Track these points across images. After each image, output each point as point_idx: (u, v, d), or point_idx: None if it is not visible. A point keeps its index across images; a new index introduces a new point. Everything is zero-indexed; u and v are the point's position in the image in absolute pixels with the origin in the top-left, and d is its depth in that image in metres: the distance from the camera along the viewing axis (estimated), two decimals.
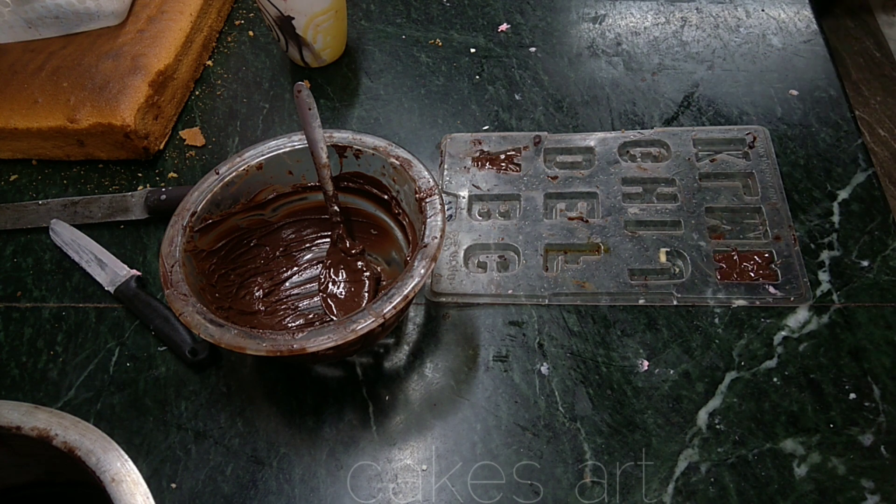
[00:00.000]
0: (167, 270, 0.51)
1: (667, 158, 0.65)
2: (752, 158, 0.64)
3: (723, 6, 0.79)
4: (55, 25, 0.75)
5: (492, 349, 0.56)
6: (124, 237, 0.66)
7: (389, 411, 0.54)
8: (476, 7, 0.83)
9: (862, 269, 0.57)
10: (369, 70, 0.78)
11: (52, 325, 0.61)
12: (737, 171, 0.63)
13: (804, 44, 0.75)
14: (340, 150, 0.58)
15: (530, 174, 0.66)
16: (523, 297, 0.58)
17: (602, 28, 0.78)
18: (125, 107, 0.68)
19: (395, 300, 0.47)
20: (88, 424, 0.40)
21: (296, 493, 0.51)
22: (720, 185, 0.63)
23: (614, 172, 0.64)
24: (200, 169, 0.71)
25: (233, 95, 0.77)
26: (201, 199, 0.55)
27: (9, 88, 0.71)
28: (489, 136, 0.69)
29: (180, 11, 0.76)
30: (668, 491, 0.48)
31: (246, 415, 0.54)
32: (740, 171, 0.63)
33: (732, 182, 0.63)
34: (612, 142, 0.67)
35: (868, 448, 0.49)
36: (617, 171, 0.64)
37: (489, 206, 0.65)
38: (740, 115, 0.68)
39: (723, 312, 0.56)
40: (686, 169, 0.64)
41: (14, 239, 0.67)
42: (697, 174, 0.63)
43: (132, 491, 0.37)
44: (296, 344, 0.46)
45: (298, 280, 0.61)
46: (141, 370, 0.57)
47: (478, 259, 0.62)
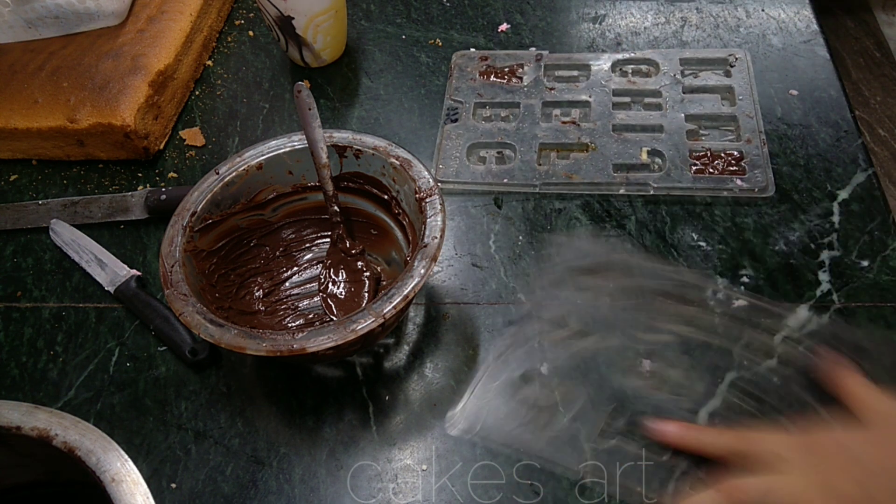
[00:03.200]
0: (167, 270, 0.51)
1: (655, 74, 0.72)
2: (733, 75, 0.71)
3: (723, 6, 0.79)
4: (55, 25, 0.75)
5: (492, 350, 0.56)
6: (124, 237, 0.66)
7: (389, 411, 0.54)
8: (476, 7, 0.83)
9: (862, 269, 0.57)
10: (369, 70, 0.78)
11: (52, 325, 0.61)
12: (717, 84, 0.70)
13: (804, 44, 0.75)
14: (340, 150, 0.58)
15: (530, 85, 0.73)
16: (517, 186, 0.65)
17: (602, 28, 0.79)
18: (125, 107, 0.68)
19: (395, 300, 0.47)
20: (88, 424, 0.40)
21: (296, 493, 0.51)
22: (701, 97, 0.70)
23: (606, 85, 0.72)
24: (200, 169, 0.71)
25: (233, 95, 0.77)
26: (201, 199, 0.55)
27: (9, 88, 0.71)
28: (496, 53, 0.77)
29: (180, 11, 0.76)
30: (668, 491, 0.48)
31: (246, 415, 0.54)
32: (720, 86, 0.70)
33: (713, 95, 0.70)
34: (606, 61, 0.74)
35: None
36: (609, 84, 0.72)
37: (491, 111, 0.72)
38: None
39: (723, 312, 0.56)
40: (671, 83, 0.71)
41: (14, 239, 0.67)
42: (682, 87, 0.70)
43: (132, 491, 0.37)
44: (296, 344, 0.46)
45: (298, 280, 0.61)
46: (141, 370, 0.57)
47: (478, 154, 0.69)
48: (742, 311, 0.56)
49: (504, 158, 0.68)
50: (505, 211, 0.64)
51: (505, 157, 0.68)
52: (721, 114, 0.68)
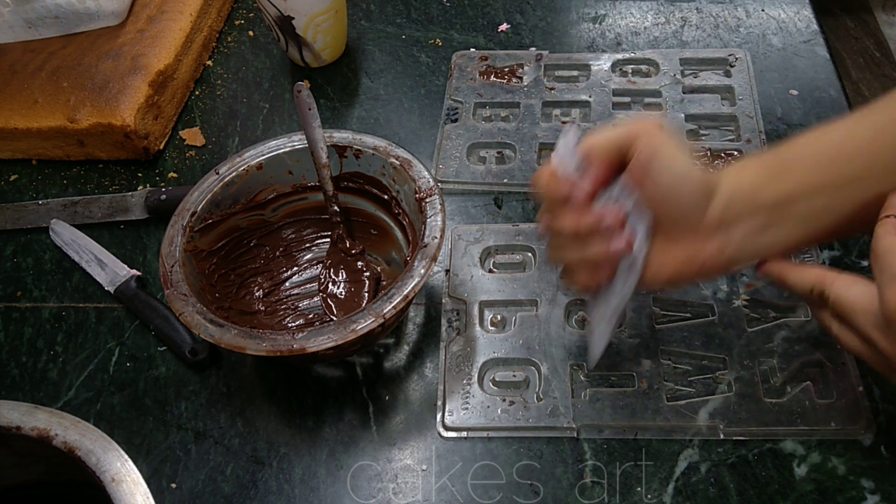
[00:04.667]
0: (167, 270, 0.51)
1: (655, 74, 0.72)
2: (733, 75, 0.71)
3: (723, 6, 0.79)
4: (55, 25, 0.75)
5: None
6: (124, 237, 0.66)
7: (389, 411, 0.54)
8: (476, 7, 0.83)
9: (862, 269, 0.57)
10: (369, 70, 0.78)
11: (52, 325, 0.61)
12: (717, 84, 0.70)
13: (804, 44, 0.75)
14: (340, 150, 0.58)
15: (530, 85, 0.73)
16: (517, 186, 0.65)
17: (602, 28, 0.79)
18: (125, 107, 0.68)
19: (395, 300, 0.47)
20: (88, 424, 0.40)
21: (296, 493, 0.51)
22: (701, 97, 0.70)
23: (606, 85, 0.72)
24: (200, 169, 0.71)
25: (233, 95, 0.77)
26: (201, 199, 0.55)
27: (9, 88, 0.71)
28: (496, 53, 0.76)
29: (180, 11, 0.76)
30: (668, 491, 0.48)
31: (246, 415, 0.54)
32: (721, 85, 0.70)
33: (713, 95, 0.70)
34: (606, 61, 0.74)
35: (868, 448, 0.49)
36: (609, 84, 0.72)
37: (491, 111, 0.72)
38: None
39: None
40: (671, 83, 0.71)
41: (14, 239, 0.67)
42: (682, 87, 0.70)
43: (132, 491, 0.37)
44: (296, 344, 0.46)
45: (298, 280, 0.61)
46: (141, 370, 0.57)
47: (478, 154, 0.68)
48: (742, 310, 0.56)
49: (504, 158, 0.68)
50: (505, 211, 0.64)
51: (505, 157, 0.68)
52: (721, 114, 0.68)
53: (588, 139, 0.43)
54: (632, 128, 0.42)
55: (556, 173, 0.43)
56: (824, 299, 0.43)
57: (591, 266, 0.45)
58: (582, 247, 0.45)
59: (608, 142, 0.42)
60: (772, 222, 0.43)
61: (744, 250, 0.44)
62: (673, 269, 0.45)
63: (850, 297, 0.41)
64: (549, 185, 0.44)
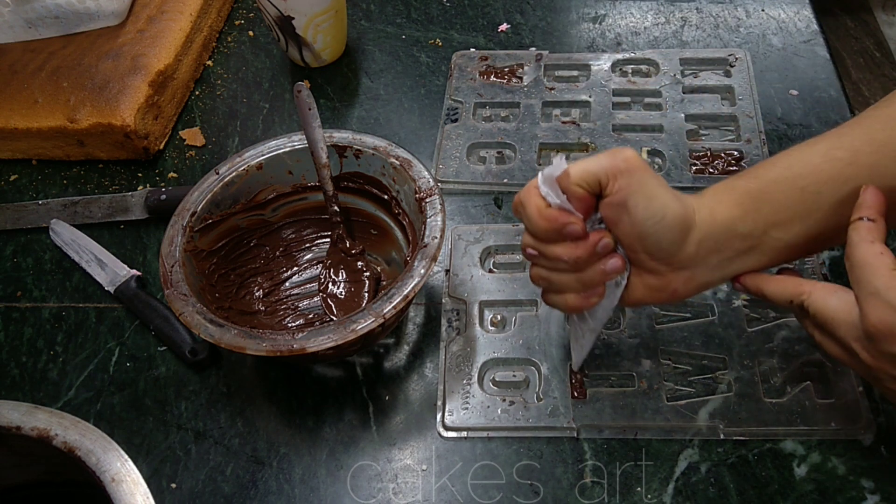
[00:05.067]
0: (167, 270, 0.51)
1: (655, 74, 0.72)
2: (733, 75, 0.71)
3: (723, 6, 0.79)
4: (55, 25, 0.75)
5: None
6: (124, 237, 0.66)
7: (389, 411, 0.54)
8: (476, 7, 0.83)
9: None
10: (369, 70, 0.78)
11: (52, 325, 0.61)
12: (717, 84, 0.70)
13: (804, 44, 0.75)
14: (340, 150, 0.58)
15: (530, 85, 0.73)
16: (517, 186, 0.64)
17: (602, 28, 0.79)
18: (125, 107, 0.68)
19: (395, 300, 0.47)
20: (88, 424, 0.40)
21: (296, 493, 0.51)
22: (701, 97, 0.70)
23: (606, 85, 0.72)
24: (200, 169, 0.71)
25: (233, 95, 0.77)
26: (201, 199, 0.55)
27: (9, 88, 0.71)
28: (496, 53, 0.76)
29: (180, 11, 0.76)
30: (668, 491, 0.48)
31: (246, 415, 0.54)
32: (721, 85, 0.70)
33: (713, 95, 0.70)
34: (606, 61, 0.74)
35: (868, 448, 0.49)
36: (609, 84, 0.72)
37: (491, 111, 0.72)
38: None
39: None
40: (671, 83, 0.71)
41: (14, 239, 0.67)
42: (682, 87, 0.70)
43: (132, 491, 0.37)
44: (296, 344, 0.46)
45: (298, 280, 0.61)
46: (141, 370, 0.57)
47: (478, 154, 0.69)
48: (742, 310, 0.56)
49: (504, 158, 0.68)
50: (505, 211, 0.64)
51: (505, 157, 0.68)
52: (721, 114, 0.68)
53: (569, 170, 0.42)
54: (613, 164, 0.42)
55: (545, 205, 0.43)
56: (804, 310, 0.43)
57: (585, 288, 0.46)
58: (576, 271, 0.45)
59: (588, 175, 0.42)
60: (748, 250, 0.44)
61: (717, 275, 0.45)
62: (643, 294, 0.46)
63: (828, 309, 0.41)
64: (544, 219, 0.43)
